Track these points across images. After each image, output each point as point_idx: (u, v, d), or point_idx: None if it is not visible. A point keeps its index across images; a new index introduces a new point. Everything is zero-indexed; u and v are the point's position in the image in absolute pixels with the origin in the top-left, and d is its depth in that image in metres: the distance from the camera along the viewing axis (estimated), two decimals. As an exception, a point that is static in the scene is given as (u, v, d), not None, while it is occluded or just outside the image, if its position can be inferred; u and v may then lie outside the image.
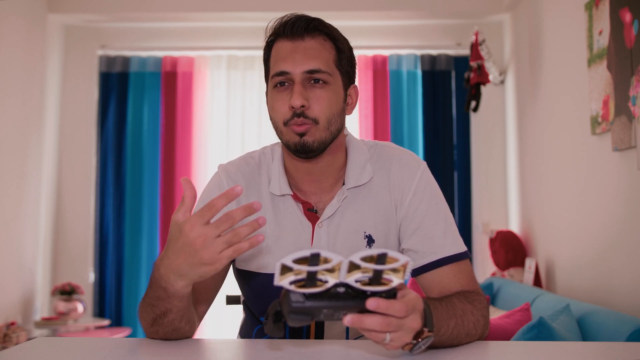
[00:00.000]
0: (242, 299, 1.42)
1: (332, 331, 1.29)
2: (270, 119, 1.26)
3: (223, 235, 0.96)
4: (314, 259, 0.80)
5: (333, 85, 1.22)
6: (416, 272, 1.24)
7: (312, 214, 1.28)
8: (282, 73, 1.21)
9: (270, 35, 1.27)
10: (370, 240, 1.26)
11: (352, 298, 0.84)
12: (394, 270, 0.83)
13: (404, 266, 0.83)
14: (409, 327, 0.89)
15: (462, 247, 1.25)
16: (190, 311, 1.14)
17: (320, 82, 1.21)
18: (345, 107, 1.28)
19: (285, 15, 1.26)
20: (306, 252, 0.80)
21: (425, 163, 1.32)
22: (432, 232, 1.24)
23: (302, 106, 1.18)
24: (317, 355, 1.04)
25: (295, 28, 1.22)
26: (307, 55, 1.20)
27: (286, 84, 1.21)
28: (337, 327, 1.29)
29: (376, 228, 1.27)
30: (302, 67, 1.20)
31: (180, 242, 0.99)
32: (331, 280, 0.83)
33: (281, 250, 1.26)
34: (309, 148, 1.20)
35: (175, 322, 1.12)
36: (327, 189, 1.29)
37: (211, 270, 0.99)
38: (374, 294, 0.85)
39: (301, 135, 1.20)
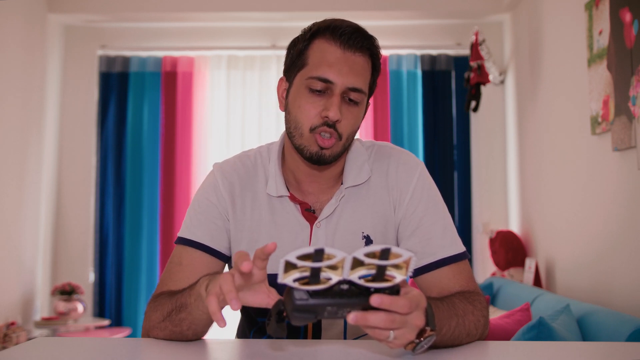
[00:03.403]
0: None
1: (330, 332, 1.29)
2: (290, 115, 1.23)
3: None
4: (317, 255, 0.80)
5: (362, 105, 1.22)
6: (415, 273, 1.24)
7: (310, 214, 1.27)
8: (325, 80, 1.17)
9: (317, 28, 1.21)
10: (368, 241, 1.26)
11: (355, 295, 0.84)
12: (397, 267, 0.83)
13: (407, 262, 0.82)
14: (413, 324, 0.89)
15: (461, 248, 1.25)
16: (200, 327, 1.13)
17: (354, 101, 1.20)
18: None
19: (341, 19, 1.22)
20: (310, 249, 0.79)
21: (423, 163, 1.32)
22: (431, 232, 1.24)
23: (337, 120, 1.17)
24: (317, 355, 1.03)
25: (352, 39, 1.18)
26: (353, 71, 1.18)
27: (322, 91, 1.18)
28: (335, 328, 1.29)
29: (374, 228, 1.27)
30: (347, 82, 1.17)
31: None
32: (335, 277, 0.82)
33: (277, 251, 1.25)
34: (324, 161, 1.20)
35: (184, 325, 1.12)
36: (325, 189, 1.29)
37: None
38: (378, 291, 0.84)
39: (322, 148, 1.18)
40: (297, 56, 1.23)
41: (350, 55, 1.18)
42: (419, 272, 1.23)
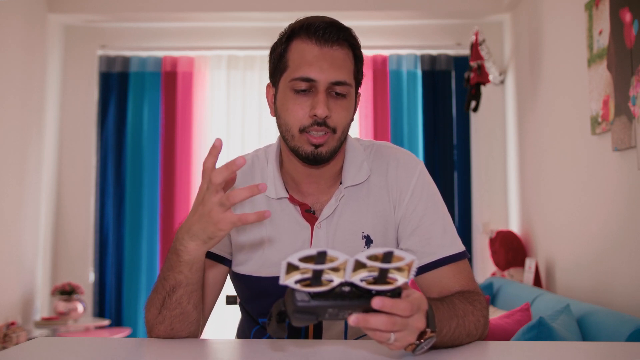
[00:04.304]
0: (238, 300, 1.42)
1: (331, 332, 1.29)
2: (280, 119, 1.23)
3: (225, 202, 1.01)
4: (320, 258, 0.80)
5: (350, 96, 1.22)
6: (415, 273, 1.24)
7: (310, 215, 1.27)
8: (307, 79, 1.17)
9: (292, 30, 1.22)
10: (368, 241, 1.26)
11: (357, 297, 0.84)
12: (399, 270, 0.83)
13: (409, 265, 0.82)
14: (414, 326, 0.89)
15: (460, 247, 1.25)
16: (198, 293, 1.15)
17: (341, 94, 1.19)
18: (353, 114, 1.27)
19: (314, 17, 1.22)
20: (312, 251, 0.79)
21: (422, 163, 1.32)
22: (431, 232, 1.24)
23: (326, 117, 1.17)
24: (317, 355, 1.03)
25: (327, 34, 1.18)
26: (334, 65, 1.18)
27: (307, 90, 1.19)
28: (336, 328, 1.29)
29: (374, 228, 1.27)
30: (329, 77, 1.17)
31: (199, 210, 1.04)
32: (336, 279, 0.82)
33: (278, 253, 1.25)
34: (322, 159, 1.20)
35: (183, 302, 1.13)
36: (324, 189, 1.29)
37: (217, 231, 1.03)
38: (379, 293, 0.84)
39: (317, 146, 1.18)
40: (278, 60, 1.23)
41: (328, 50, 1.19)
42: (419, 271, 1.23)
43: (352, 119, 1.25)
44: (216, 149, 1.01)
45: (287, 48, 1.21)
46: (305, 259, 0.79)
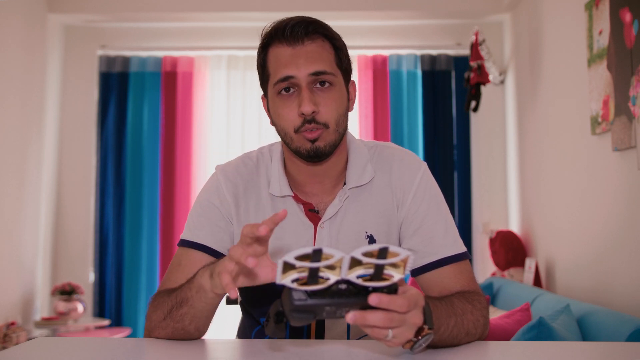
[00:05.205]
0: (239, 299, 1.42)
1: (333, 331, 1.29)
2: (276, 126, 1.24)
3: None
4: (316, 256, 0.80)
5: (337, 86, 1.21)
6: (416, 272, 1.24)
7: (313, 214, 1.27)
8: (286, 78, 1.17)
9: (265, 39, 1.24)
10: (371, 241, 1.26)
11: (354, 295, 0.84)
12: (394, 266, 0.83)
13: (404, 261, 0.83)
14: (411, 322, 0.89)
15: (462, 248, 1.25)
16: (202, 320, 1.15)
17: (327, 84, 1.19)
18: (348, 104, 1.27)
19: (282, 19, 1.23)
20: (308, 249, 0.79)
21: (425, 163, 1.32)
22: (433, 232, 1.24)
23: (313, 112, 1.17)
24: (318, 355, 1.03)
25: (295, 32, 1.19)
26: (309, 59, 1.18)
27: (291, 89, 1.19)
28: (338, 328, 1.29)
29: (377, 228, 1.27)
30: (307, 70, 1.17)
31: (228, 256, 1.01)
32: (333, 277, 0.82)
33: (281, 252, 1.25)
34: (321, 153, 1.20)
35: (186, 320, 1.13)
36: (328, 189, 1.29)
37: (218, 280, 1.03)
38: (376, 290, 0.85)
39: (313, 141, 1.18)
40: (261, 71, 1.26)
41: (300, 47, 1.19)
42: (420, 271, 1.24)
43: (346, 109, 1.24)
44: (279, 217, 0.95)
45: (266, 57, 1.24)
46: (301, 258, 0.80)
